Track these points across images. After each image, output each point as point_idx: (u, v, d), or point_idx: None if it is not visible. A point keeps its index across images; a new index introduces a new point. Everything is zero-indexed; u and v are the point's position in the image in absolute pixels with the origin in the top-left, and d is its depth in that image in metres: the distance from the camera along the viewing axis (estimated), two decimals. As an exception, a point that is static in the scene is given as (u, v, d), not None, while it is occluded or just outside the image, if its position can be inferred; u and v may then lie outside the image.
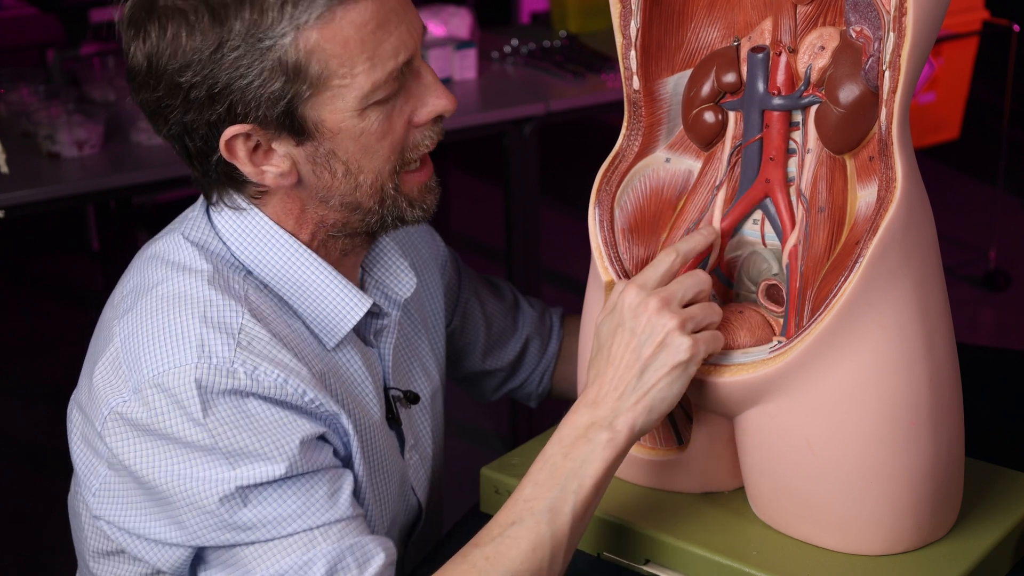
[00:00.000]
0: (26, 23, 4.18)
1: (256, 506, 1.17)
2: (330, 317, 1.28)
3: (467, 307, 1.59)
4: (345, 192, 1.25)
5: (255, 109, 1.18)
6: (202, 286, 1.22)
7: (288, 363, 1.21)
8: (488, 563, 1.16)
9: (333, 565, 1.17)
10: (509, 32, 3.72)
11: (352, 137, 1.21)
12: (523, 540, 1.16)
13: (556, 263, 3.99)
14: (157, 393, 1.17)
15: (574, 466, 1.18)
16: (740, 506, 1.33)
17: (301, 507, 1.18)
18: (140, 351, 1.20)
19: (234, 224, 1.27)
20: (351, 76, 1.18)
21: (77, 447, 1.27)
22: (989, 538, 1.27)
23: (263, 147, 1.21)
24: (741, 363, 1.22)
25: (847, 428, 1.20)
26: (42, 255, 4.40)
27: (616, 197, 1.31)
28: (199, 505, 1.17)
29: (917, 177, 1.18)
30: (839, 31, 1.21)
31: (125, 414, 1.19)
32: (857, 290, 1.16)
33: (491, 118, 3.01)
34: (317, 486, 1.19)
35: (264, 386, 1.19)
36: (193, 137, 1.21)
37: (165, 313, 1.21)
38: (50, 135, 2.71)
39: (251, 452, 1.17)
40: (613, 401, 1.19)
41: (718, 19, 1.28)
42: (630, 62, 1.28)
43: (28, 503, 3.06)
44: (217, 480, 1.16)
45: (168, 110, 1.20)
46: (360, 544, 1.19)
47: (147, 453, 1.18)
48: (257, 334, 1.21)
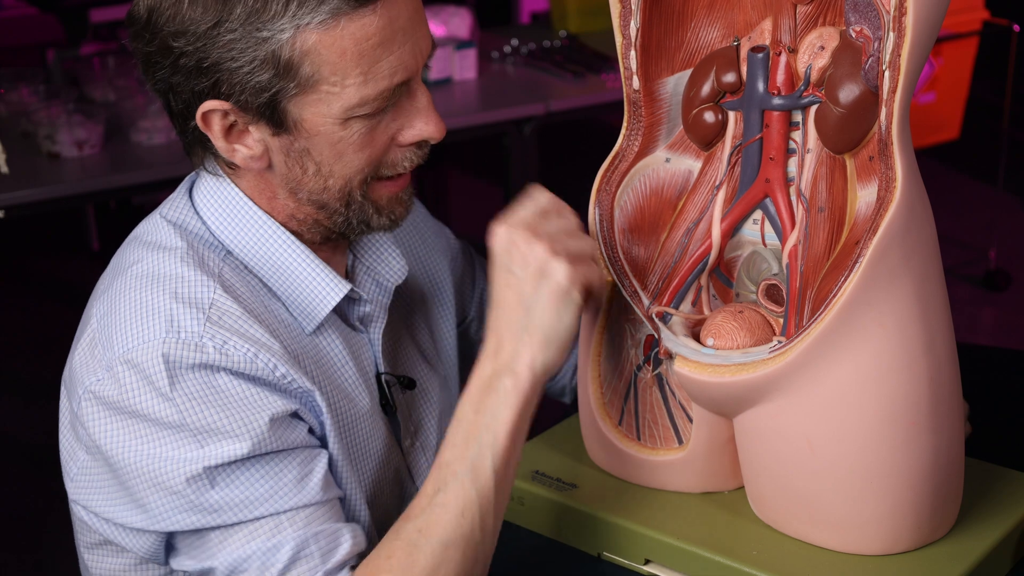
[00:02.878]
0: (26, 23, 4.18)
1: (224, 488, 1.16)
2: (307, 301, 1.28)
3: (483, 297, 1.58)
4: (314, 190, 1.24)
5: (239, 92, 1.18)
6: (174, 263, 1.23)
7: (259, 338, 1.20)
8: (421, 535, 1.15)
9: (297, 552, 1.17)
10: (509, 32, 3.72)
11: (329, 143, 1.21)
12: (451, 506, 1.15)
13: (556, 263, 3.98)
14: (126, 369, 1.18)
15: (486, 420, 1.17)
16: (740, 506, 1.33)
17: (269, 490, 1.17)
18: (112, 329, 1.21)
19: (213, 202, 1.27)
20: (341, 86, 1.17)
21: (63, 434, 1.28)
22: (989, 538, 1.27)
23: (239, 127, 1.21)
24: (741, 363, 1.22)
25: (847, 428, 1.20)
26: (42, 255, 4.40)
27: (616, 197, 1.31)
28: (166, 486, 1.17)
29: (917, 177, 1.18)
30: (839, 31, 1.21)
31: (98, 393, 1.19)
32: (857, 290, 1.15)
33: (491, 118, 3.01)
34: (286, 469, 1.19)
35: (234, 360, 1.18)
36: (176, 99, 1.22)
37: (137, 291, 1.21)
38: (50, 135, 2.71)
39: (218, 429, 1.16)
40: (509, 345, 1.17)
41: (718, 19, 1.28)
42: (630, 62, 1.28)
43: (28, 503, 3.06)
44: (184, 460, 1.16)
45: (157, 67, 1.20)
46: (327, 531, 1.19)
47: (117, 432, 1.18)
48: (228, 309, 1.21)
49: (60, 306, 4.08)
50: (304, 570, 1.17)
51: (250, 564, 1.17)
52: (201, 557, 1.19)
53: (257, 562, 1.17)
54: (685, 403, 1.31)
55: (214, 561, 1.19)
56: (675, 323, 1.29)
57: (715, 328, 1.26)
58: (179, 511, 1.18)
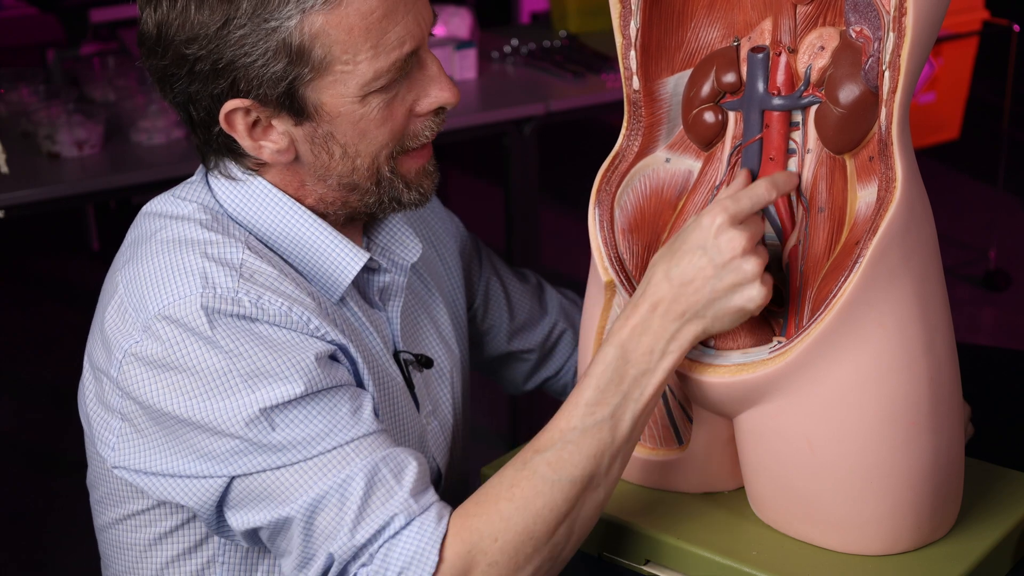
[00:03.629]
0: (26, 23, 4.18)
1: (283, 428, 1.16)
2: (328, 272, 1.29)
3: (489, 286, 1.60)
4: (343, 173, 1.26)
5: (257, 87, 1.20)
6: (199, 229, 1.24)
7: (291, 293, 1.22)
8: (550, 469, 1.16)
9: (371, 478, 1.16)
10: (509, 32, 3.72)
11: (351, 122, 1.23)
12: (585, 446, 1.17)
13: (556, 263, 3.99)
14: (166, 325, 1.18)
15: (636, 374, 1.18)
16: (740, 506, 1.33)
17: (328, 425, 1.17)
18: (144, 291, 1.21)
19: (230, 186, 1.29)
20: (354, 63, 1.20)
21: (90, 409, 1.28)
22: (989, 538, 1.27)
23: (262, 123, 1.23)
24: (741, 363, 1.22)
25: (847, 428, 1.20)
26: (42, 255, 4.40)
27: (616, 197, 1.31)
28: (227, 432, 1.17)
29: (917, 177, 1.18)
30: (839, 31, 1.21)
31: (139, 353, 1.20)
32: (857, 290, 1.16)
33: (491, 118, 3.01)
34: (339, 403, 1.19)
35: (269, 313, 1.19)
36: (197, 107, 1.23)
37: (166, 254, 1.22)
38: (50, 135, 2.71)
39: (268, 372, 1.17)
40: (677, 316, 1.18)
41: (718, 19, 1.28)
42: (630, 62, 1.28)
43: (28, 503, 3.06)
44: (240, 405, 1.16)
45: (174, 79, 1.22)
46: (392, 455, 1.18)
47: (166, 389, 1.18)
48: (259, 268, 1.23)
49: (60, 306, 4.08)
50: (381, 494, 1.16)
51: (327, 501, 1.16)
52: (273, 507, 1.17)
53: (334, 497, 1.16)
54: (685, 403, 1.31)
55: (288, 508, 1.17)
56: (675, 323, 1.29)
57: (715, 328, 1.26)
58: (243, 454, 1.17)
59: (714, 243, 1.17)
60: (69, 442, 3.28)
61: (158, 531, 1.30)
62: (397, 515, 1.15)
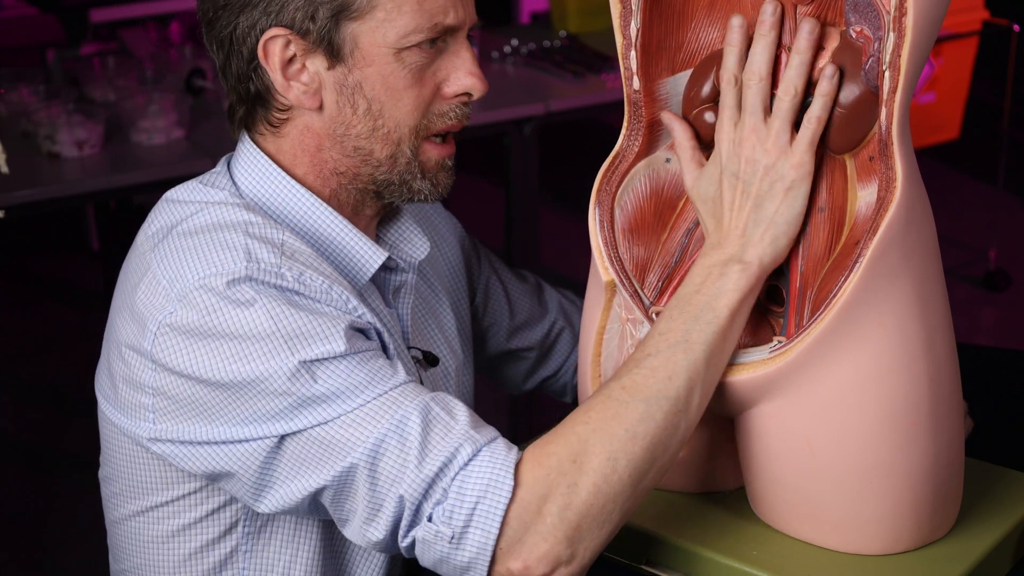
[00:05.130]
0: (26, 23, 4.18)
1: (325, 380, 1.16)
2: (349, 268, 1.31)
3: (488, 283, 1.61)
4: (361, 133, 1.27)
5: (302, 18, 1.23)
6: (239, 211, 1.26)
7: (331, 274, 1.24)
8: (625, 391, 1.16)
9: (425, 416, 1.15)
10: (509, 32, 3.72)
11: (382, 75, 1.25)
12: (660, 369, 1.17)
13: (556, 263, 3.99)
14: (204, 293, 1.18)
15: (707, 299, 1.19)
16: (740, 506, 1.33)
17: (369, 376, 1.17)
18: (182, 265, 1.21)
19: (252, 177, 1.30)
20: (398, 12, 1.23)
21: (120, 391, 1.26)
22: (989, 538, 1.27)
23: (297, 62, 1.25)
24: (741, 363, 1.22)
25: (847, 428, 1.20)
26: (42, 255, 4.40)
27: (616, 197, 1.31)
28: (270, 389, 1.16)
29: (917, 177, 1.18)
30: (839, 31, 1.21)
31: (174, 323, 1.19)
32: (857, 290, 1.16)
33: (491, 118, 3.01)
34: (376, 359, 1.19)
35: (311, 289, 1.20)
36: (240, 45, 1.26)
37: (207, 233, 1.23)
38: (50, 135, 2.71)
39: (308, 333, 1.17)
40: (737, 238, 1.21)
41: (718, 19, 1.28)
42: (630, 62, 1.28)
43: (28, 503, 3.06)
44: (281, 361, 1.16)
45: (224, 12, 1.25)
46: (439, 396, 1.18)
47: (205, 355, 1.18)
48: (299, 248, 1.24)
49: (60, 306, 4.08)
50: (440, 429, 1.15)
51: (387, 444, 1.14)
52: (334, 461, 1.16)
53: (394, 439, 1.14)
54: (685, 403, 1.31)
55: (349, 457, 1.15)
56: (675, 323, 1.29)
57: (715, 328, 1.26)
58: (291, 411, 1.16)
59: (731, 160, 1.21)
60: (69, 442, 3.28)
61: (183, 522, 1.30)
62: (462, 445, 1.14)
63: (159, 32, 3.74)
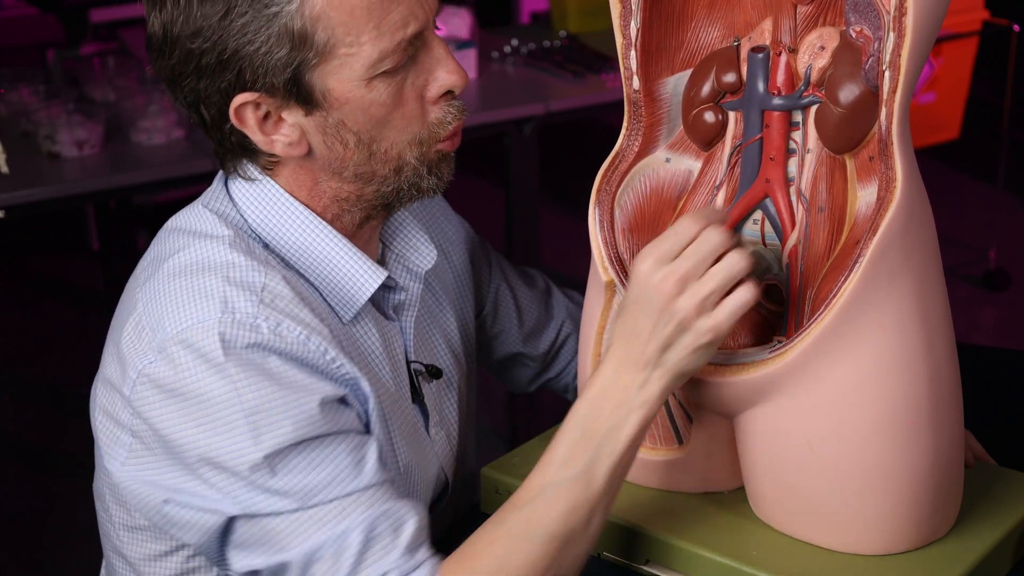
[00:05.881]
0: (26, 23, 4.18)
1: (284, 476, 1.17)
2: (345, 289, 1.29)
3: (498, 292, 1.59)
4: (359, 162, 1.25)
5: (263, 76, 1.19)
6: (223, 249, 1.24)
7: (310, 322, 1.22)
8: (528, 526, 1.17)
9: (368, 533, 1.17)
10: (509, 32, 3.72)
11: (361, 108, 1.22)
12: (560, 502, 1.17)
13: (556, 263, 3.99)
14: (181, 349, 1.18)
15: (607, 429, 1.18)
16: (740, 506, 1.33)
17: (329, 476, 1.18)
18: (163, 312, 1.21)
19: (250, 196, 1.28)
20: (357, 45, 1.19)
21: (99, 422, 1.27)
22: (989, 538, 1.27)
23: (273, 116, 1.22)
24: (741, 363, 1.22)
25: (847, 428, 1.20)
26: (42, 255, 4.40)
27: (616, 197, 1.31)
28: (230, 468, 1.17)
29: (917, 177, 1.18)
30: (839, 31, 1.21)
31: (152, 375, 1.19)
32: (857, 290, 1.16)
33: (491, 118, 3.01)
34: (341, 453, 1.19)
35: (287, 342, 1.19)
36: (208, 105, 1.23)
37: (187, 276, 1.22)
38: (50, 135, 2.71)
39: (270, 410, 1.17)
40: (639, 372, 1.18)
41: (718, 19, 1.28)
42: (630, 62, 1.28)
43: (28, 503, 3.06)
44: (244, 448, 1.16)
45: (182, 77, 1.22)
46: (392, 510, 1.19)
47: (175, 415, 1.18)
48: (280, 292, 1.22)
49: (60, 306, 4.08)
50: (378, 549, 1.17)
51: (324, 552, 1.17)
52: (272, 551, 1.18)
53: (331, 549, 1.17)
54: (685, 403, 1.31)
55: (287, 554, 1.18)
56: (675, 323, 1.29)
57: (715, 328, 1.26)
58: (244, 494, 1.17)
59: (646, 292, 1.17)
60: (69, 442, 3.28)
61: (161, 548, 1.30)
62: (390, 572, 1.17)
63: (159, 32, 3.73)
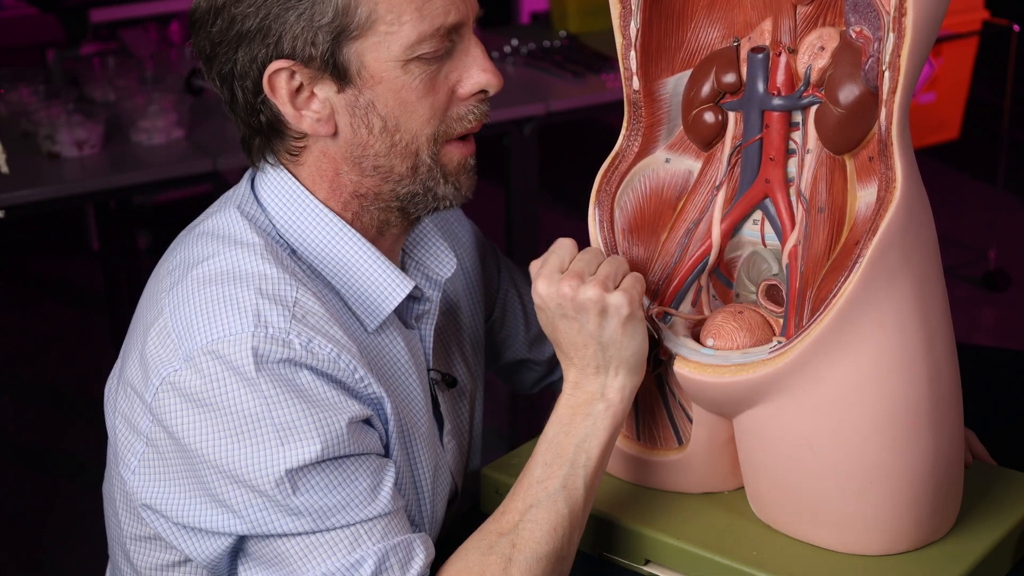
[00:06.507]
0: (26, 23, 4.18)
1: (304, 494, 1.16)
2: (372, 298, 1.29)
3: (506, 297, 1.60)
4: (379, 152, 1.25)
5: (302, 46, 1.20)
6: (256, 260, 1.23)
7: (340, 339, 1.22)
8: (515, 550, 1.20)
9: (379, 566, 1.18)
10: (509, 32, 3.72)
11: (392, 90, 1.22)
12: (544, 522, 1.21)
13: (556, 263, 3.99)
14: (211, 360, 1.17)
15: (578, 440, 1.23)
16: (740, 506, 1.33)
17: (346, 499, 1.18)
18: (192, 321, 1.20)
19: (275, 196, 1.28)
20: (398, 24, 1.20)
21: (118, 427, 1.26)
22: (989, 538, 1.27)
23: (305, 90, 1.23)
24: (741, 363, 1.22)
25: (847, 428, 1.20)
26: (42, 255, 4.40)
27: (616, 197, 1.31)
28: (251, 484, 1.16)
29: (917, 177, 1.18)
30: (839, 31, 1.21)
31: (177, 383, 1.18)
32: (857, 290, 1.16)
33: (491, 118, 3.00)
34: (360, 476, 1.19)
35: (319, 359, 1.19)
36: (243, 79, 1.23)
37: (218, 284, 1.21)
38: (50, 135, 2.71)
39: (299, 426, 1.16)
40: (595, 380, 1.24)
41: (718, 19, 1.28)
42: (630, 62, 1.28)
43: (28, 503, 3.06)
44: (267, 462, 1.16)
45: (221, 46, 1.22)
46: (403, 543, 1.20)
47: (199, 426, 1.17)
48: (311, 308, 1.22)
49: (60, 306, 4.08)
50: None
51: None
52: (281, 572, 1.19)
53: None
54: (685, 403, 1.31)
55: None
56: (675, 323, 1.29)
57: (715, 328, 1.26)
58: (261, 512, 1.17)
59: (552, 305, 1.22)
60: (69, 442, 3.28)
61: (170, 559, 1.29)
62: None
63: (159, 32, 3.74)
